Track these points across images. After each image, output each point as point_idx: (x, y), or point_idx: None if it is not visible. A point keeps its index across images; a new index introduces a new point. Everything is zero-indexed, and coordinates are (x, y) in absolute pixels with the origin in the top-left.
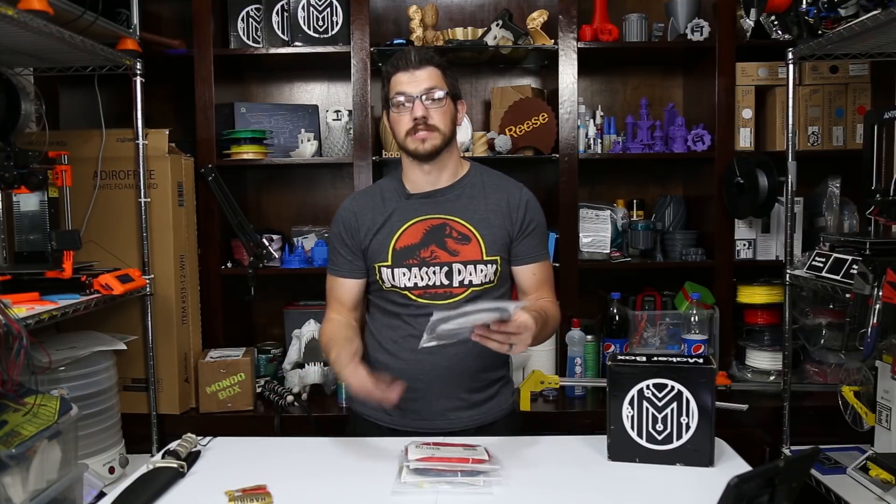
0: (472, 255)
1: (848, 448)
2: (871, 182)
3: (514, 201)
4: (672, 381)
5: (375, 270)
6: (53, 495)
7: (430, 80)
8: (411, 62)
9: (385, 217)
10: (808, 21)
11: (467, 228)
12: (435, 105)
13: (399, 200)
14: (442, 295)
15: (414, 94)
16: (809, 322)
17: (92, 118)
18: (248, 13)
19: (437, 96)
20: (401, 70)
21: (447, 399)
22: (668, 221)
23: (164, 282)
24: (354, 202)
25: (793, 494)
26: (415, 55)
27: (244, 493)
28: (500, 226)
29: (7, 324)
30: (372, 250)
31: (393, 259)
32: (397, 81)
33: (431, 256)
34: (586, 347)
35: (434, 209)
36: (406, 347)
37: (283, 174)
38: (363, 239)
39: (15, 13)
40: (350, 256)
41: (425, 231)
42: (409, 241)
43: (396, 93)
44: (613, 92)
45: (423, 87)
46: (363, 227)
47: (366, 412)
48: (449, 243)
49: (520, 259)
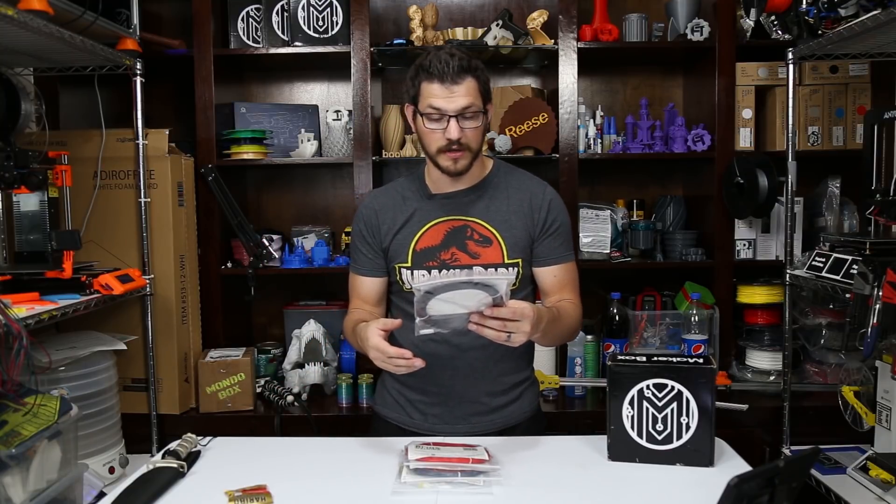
0: (493, 258)
1: (848, 448)
2: (871, 182)
3: (538, 201)
4: (672, 381)
5: (396, 271)
6: (53, 495)
7: (468, 95)
8: (449, 74)
9: (406, 217)
10: (808, 21)
11: (489, 230)
12: (470, 124)
13: (420, 200)
14: None
15: (450, 112)
16: (809, 322)
17: (92, 118)
18: (248, 13)
19: (472, 114)
20: (436, 80)
21: (470, 403)
22: (668, 221)
23: (164, 282)
24: (376, 200)
25: (793, 494)
26: (454, 65)
27: (244, 493)
28: (521, 227)
29: (7, 324)
30: (392, 250)
31: (413, 260)
32: (431, 92)
33: (452, 259)
34: (586, 347)
35: (456, 210)
36: (427, 351)
37: (283, 174)
38: (384, 238)
39: (15, 13)
40: (371, 255)
41: (446, 232)
42: (430, 242)
43: (430, 106)
44: (613, 92)
45: (459, 105)
46: (384, 225)
47: (389, 414)
48: (470, 245)
49: (540, 260)
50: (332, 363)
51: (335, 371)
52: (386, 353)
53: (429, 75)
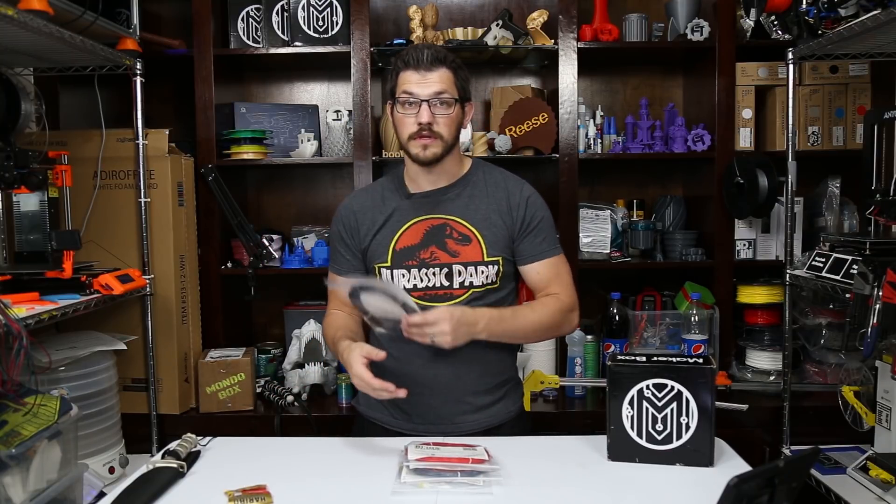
0: (472, 257)
1: (848, 448)
2: (871, 182)
3: (515, 199)
4: (672, 381)
5: (375, 271)
6: (53, 495)
7: (441, 83)
8: (423, 61)
9: (385, 217)
10: (808, 21)
11: (468, 229)
12: (442, 111)
13: (399, 200)
14: (442, 297)
15: (422, 96)
16: (809, 322)
17: (92, 118)
18: (248, 13)
19: (445, 101)
20: (411, 68)
21: (454, 403)
22: (668, 221)
23: (164, 282)
24: (355, 201)
25: (793, 494)
26: (428, 54)
27: (244, 493)
28: (501, 225)
29: (7, 324)
30: (372, 251)
31: (393, 260)
32: (406, 79)
33: (431, 257)
34: (586, 347)
35: (435, 209)
36: (410, 352)
37: (283, 174)
38: (363, 238)
39: (15, 13)
40: (350, 256)
41: (425, 231)
42: (410, 241)
43: (404, 91)
44: (613, 92)
45: (432, 91)
46: (363, 226)
47: (372, 415)
48: (449, 244)
49: (523, 258)
50: (332, 363)
51: (335, 371)
52: (371, 385)
53: (405, 64)
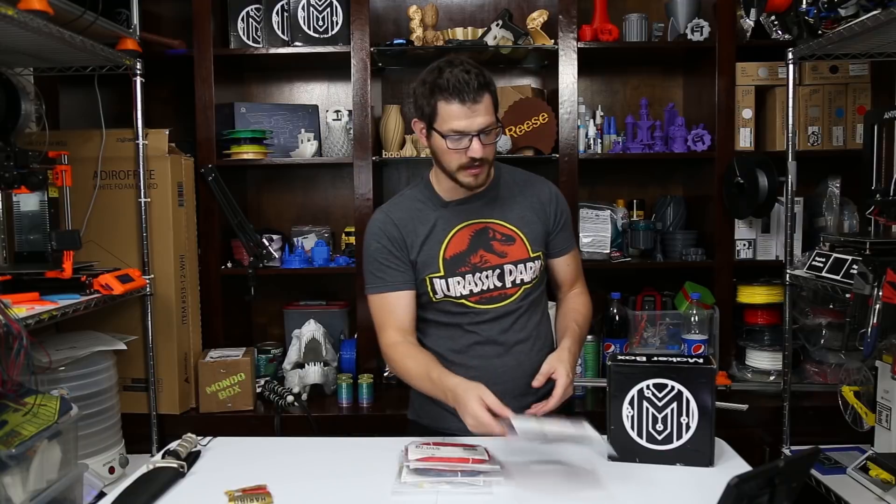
0: (519, 254)
1: (848, 448)
2: (871, 182)
3: (545, 196)
4: (672, 381)
5: (426, 282)
6: (53, 495)
7: (486, 112)
8: (469, 93)
9: (429, 227)
10: (808, 21)
11: (509, 229)
12: (489, 140)
13: (437, 209)
14: (497, 297)
15: (471, 131)
16: (809, 322)
17: (92, 118)
18: (248, 13)
19: (490, 131)
20: (456, 101)
21: (522, 397)
22: (668, 221)
23: (164, 282)
24: (392, 213)
25: (793, 494)
26: (473, 84)
27: (244, 493)
28: (536, 221)
29: (7, 324)
30: (421, 262)
31: (445, 269)
32: (452, 114)
33: (482, 261)
34: (586, 347)
35: (473, 214)
36: (474, 355)
37: (283, 174)
38: (411, 249)
39: (15, 13)
40: (402, 268)
41: (470, 237)
42: (458, 248)
43: (452, 129)
44: (613, 92)
45: (480, 124)
46: (408, 238)
47: (429, 423)
48: (495, 246)
49: (557, 251)
50: (332, 363)
51: (335, 371)
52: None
53: (448, 95)
